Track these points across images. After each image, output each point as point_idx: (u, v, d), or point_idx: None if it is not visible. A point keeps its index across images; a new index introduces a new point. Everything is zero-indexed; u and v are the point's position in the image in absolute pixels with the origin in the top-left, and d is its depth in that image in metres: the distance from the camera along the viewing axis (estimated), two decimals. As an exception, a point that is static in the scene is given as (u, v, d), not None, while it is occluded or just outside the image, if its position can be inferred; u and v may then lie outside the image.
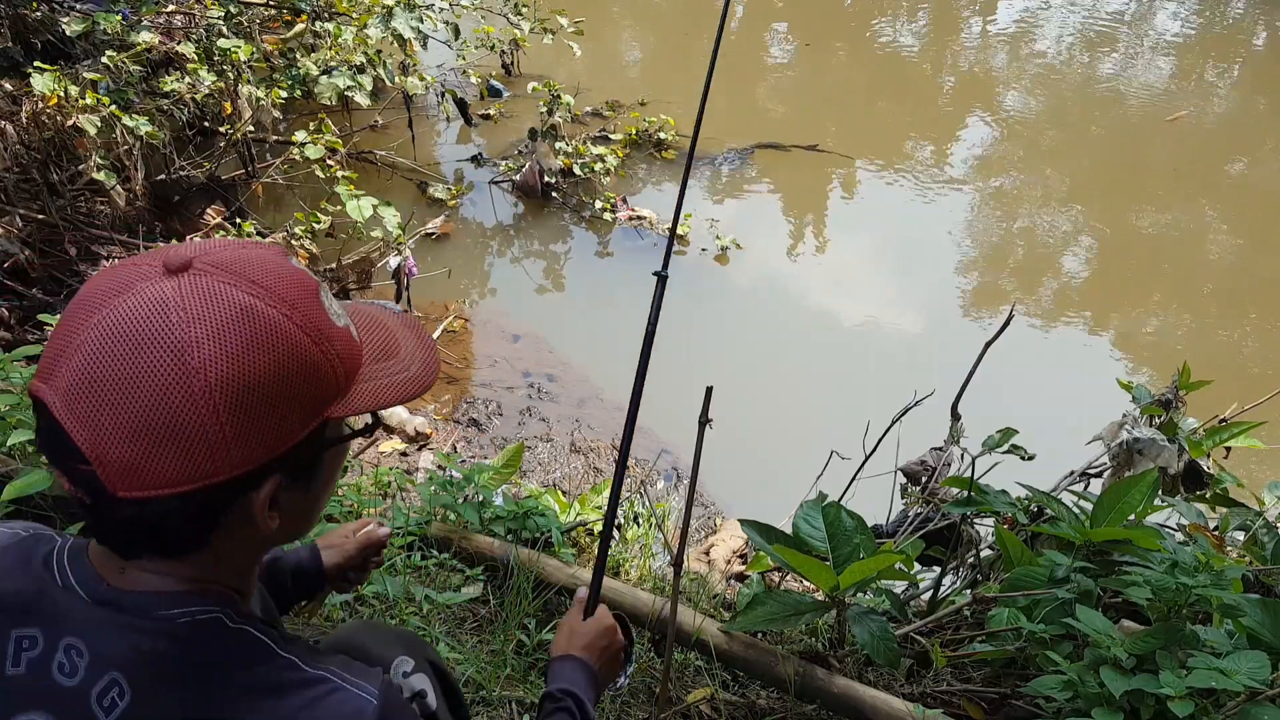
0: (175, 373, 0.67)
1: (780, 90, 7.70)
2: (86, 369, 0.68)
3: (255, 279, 0.73)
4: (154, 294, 0.69)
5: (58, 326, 0.72)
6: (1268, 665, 1.56)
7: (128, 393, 0.67)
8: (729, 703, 2.05)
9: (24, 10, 4.95)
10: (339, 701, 0.74)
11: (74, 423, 0.68)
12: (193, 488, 0.70)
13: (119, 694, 0.72)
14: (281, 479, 0.75)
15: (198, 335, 0.68)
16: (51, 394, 0.69)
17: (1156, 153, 6.95)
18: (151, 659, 0.73)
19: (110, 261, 4.27)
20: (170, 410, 0.67)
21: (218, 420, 0.68)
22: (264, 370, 0.70)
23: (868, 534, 2.02)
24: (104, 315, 0.69)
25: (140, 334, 0.68)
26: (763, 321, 4.90)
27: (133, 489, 0.69)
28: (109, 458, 0.68)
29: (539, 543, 2.40)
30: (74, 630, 0.74)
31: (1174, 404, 2.40)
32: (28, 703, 0.73)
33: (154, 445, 0.68)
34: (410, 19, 4.99)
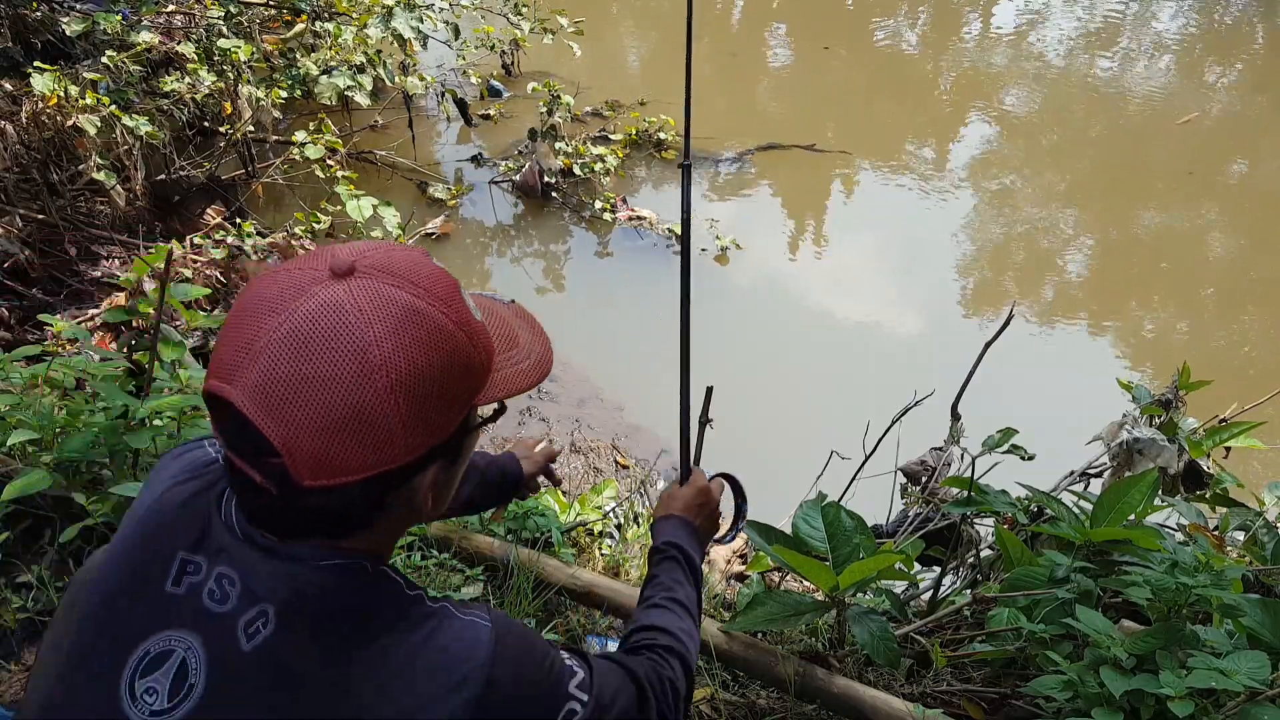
0: (360, 369, 0.74)
1: (780, 90, 7.70)
2: (274, 369, 0.73)
3: (414, 280, 0.79)
4: (328, 297, 0.75)
5: (228, 330, 0.78)
6: (1268, 665, 1.56)
7: (316, 389, 0.73)
8: (729, 703, 2.05)
9: (24, 10, 4.95)
10: (459, 626, 0.83)
11: (266, 419, 0.73)
12: (374, 474, 0.77)
13: (264, 623, 0.79)
14: (442, 462, 0.84)
15: (376, 335, 0.74)
16: (238, 393, 0.74)
17: (1157, 153, 6.95)
18: (299, 595, 0.80)
19: (110, 261, 4.27)
20: (356, 404, 0.74)
21: (398, 411, 0.75)
22: (433, 364, 0.77)
23: (868, 534, 2.02)
24: (283, 319, 0.75)
25: (323, 335, 0.74)
26: (763, 321, 4.90)
27: (320, 477, 0.75)
28: (300, 450, 0.74)
29: (539, 543, 2.40)
30: (229, 563, 0.81)
31: (1174, 404, 2.40)
32: (180, 622, 0.80)
33: (341, 436, 0.74)
34: (410, 19, 5.00)
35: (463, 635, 0.83)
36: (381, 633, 0.80)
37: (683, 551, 1.26)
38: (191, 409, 2.15)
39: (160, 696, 0.78)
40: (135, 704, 0.78)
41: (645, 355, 4.60)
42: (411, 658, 0.80)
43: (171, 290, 2.36)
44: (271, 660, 0.78)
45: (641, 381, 4.39)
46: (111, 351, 2.55)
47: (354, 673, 0.78)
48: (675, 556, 1.24)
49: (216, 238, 4.30)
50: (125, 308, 2.54)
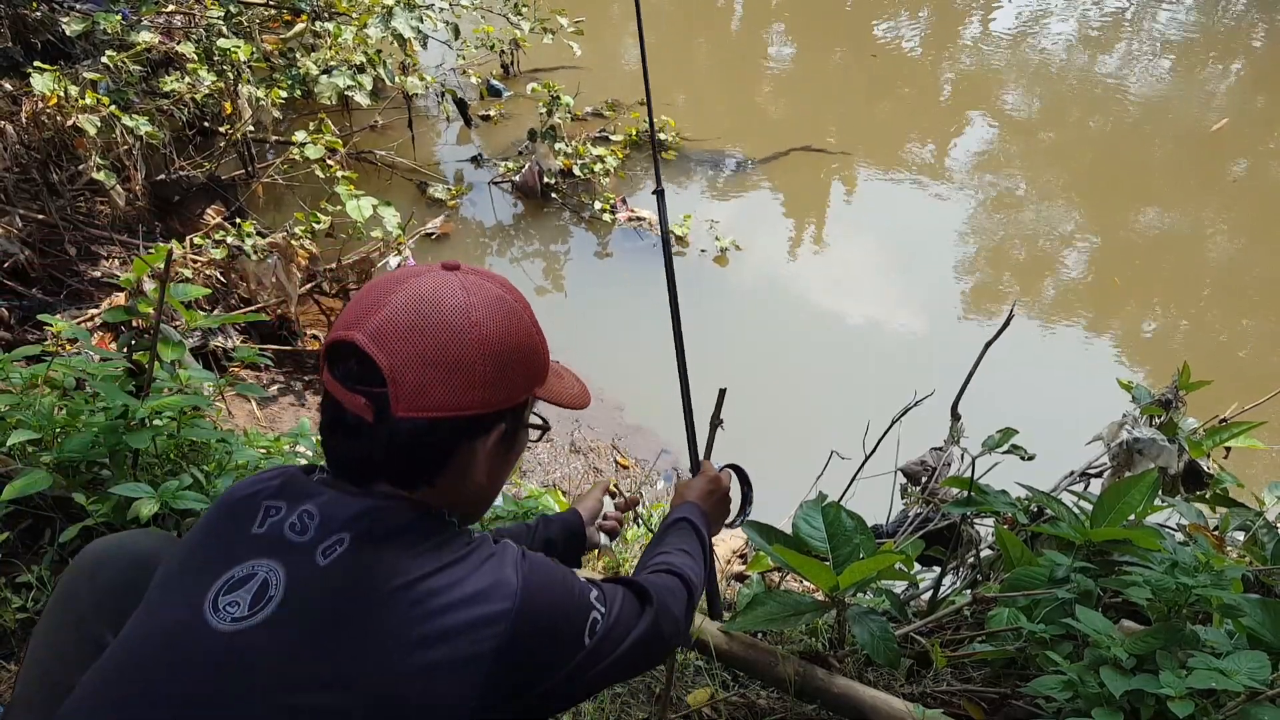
0: (460, 323, 0.93)
1: (780, 90, 7.69)
2: (394, 316, 0.92)
3: (500, 283, 1.01)
4: (440, 278, 0.96)
5: (354, 302, 0.96)
6: (1268, 665, 1.56)
7: (425, 334, 0.91)
8: (729, 703, 2.05)
9: (24, 10, 4.95)
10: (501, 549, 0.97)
11: (380, 352, 0.90)
12: (456, 415, 0.93)
13: (339, 544, 0.91)
14: (504, 428, 0.99)
15: (474, 302, 0.95)
16: (361, 335, 0.91)
17: (1157, 153, 6.95)
18: (377, 525, 0.92)
19: (110, 261, 4.27)
20: (454, 349, 0.92)
21: (484, 363, 0.93)
22: (513, 340, 0.97)
23: (868, 534, 2.02)
24: (404, 288, 0.94)
25: (435, 297, 0.94)
26: (762, 322, 4.90)
27: (412, 409, 0.91)
28: (402, 379, 0.90)
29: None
30: (311, 502, 0.94)
31: (1174, 404, 2.40)
32: (261, 552, 0.92)
33: (438, 373, 0.91)
34: (410, 19, 4.99)
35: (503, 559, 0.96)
36: (442, 569, 0.91)
37: (692, 524, 1.39)
38: (192, 409, 2.15)
39: (241, 607, 0.89)
40: (217, 614, 0.89)
41: (645, 355, 4.59)
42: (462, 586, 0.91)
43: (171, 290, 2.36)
44: (341, 572, 0.89)
45: (641, 381, 4.39)
46: (111, 351, 2.55)
47: (411, 592, 0.89)
48: (686, 526, 1.38)
49: (216, 238, 4.30)
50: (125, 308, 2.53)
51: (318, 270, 4.40)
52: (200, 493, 1.97)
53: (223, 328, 3.95)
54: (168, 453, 2.20)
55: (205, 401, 2.15)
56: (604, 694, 2.07)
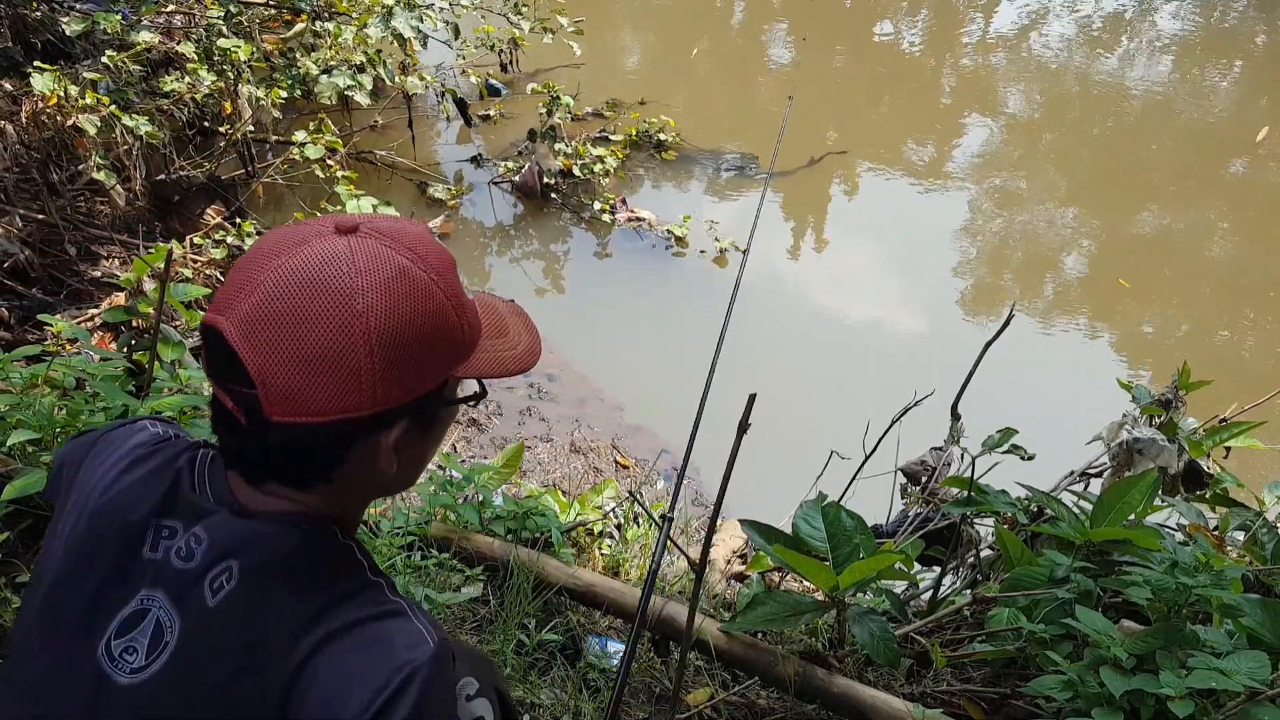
0: (342, 313, 0.77)
1: (780, 89, 7.69)
2: (264, 304, 0.77)
3: (411, 246, 0.83)
4: (328, 247, 0.80)
5: (234, 272, 0.82)
6: (1268, 665, 1.56)
7: (299, 326, 0.76)
8: (729, 703, 2.05)
9: (24, 10, 4.95)
10: (403, 626, 0.82)
11: (247, 349, 0.77)
12: (339, 418, 0.79)
13: (228, 578, 0.81)
14: (409, 425, 0.84)
15: (363, 285, 0.78)
16: (228, 324, 0.78)
17: (1158, 152, 6.95)
18: (264, 554, 0.82)
19: (110, 261, 4.27)
20: (332, 345, 0.77)
21: (371, 359, 0.78)
22: (414, 322, 0.80)
23: (868, 534, 2.02)
24: (282, 261, 0.79)
25: (315, 278, 0.78)
26: (762, 322, 4.89)
27: (287, 414, 0.78)
28: (273, 383, 0.76)
29: (539, 543, 2.40)
30: (201, 524, 0.84)
31: (1174, 404, 2.40)
32: (153, 582, 0.83)
33: (314, 374, 0.77)
34: (410, 18, 4.99)
35: (407, 637, 0.81)
36: (335, 604, 0.81)
37: None
38: (192, 409, 2.15)
39: (139, 655, 0.81)
40: (115, 664, 0.81)
41: (645, 355, 4.60)
42: (353, 638, 0.80)
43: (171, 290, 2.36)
44: (233, 615, 0.80)
45: (641, 381, 4.39)
46: (111, 351, 2.55)
47: (303, 637, 0.79)
48: None
49: (216, 238, 4.30)
50: (125, 307, 2.54)
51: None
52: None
53: (223, 328, 3.94)
54: (168, 453, 2.19)
55: (205, 401, 2.15)
56: (604, 693, 2.07)
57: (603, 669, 2.14)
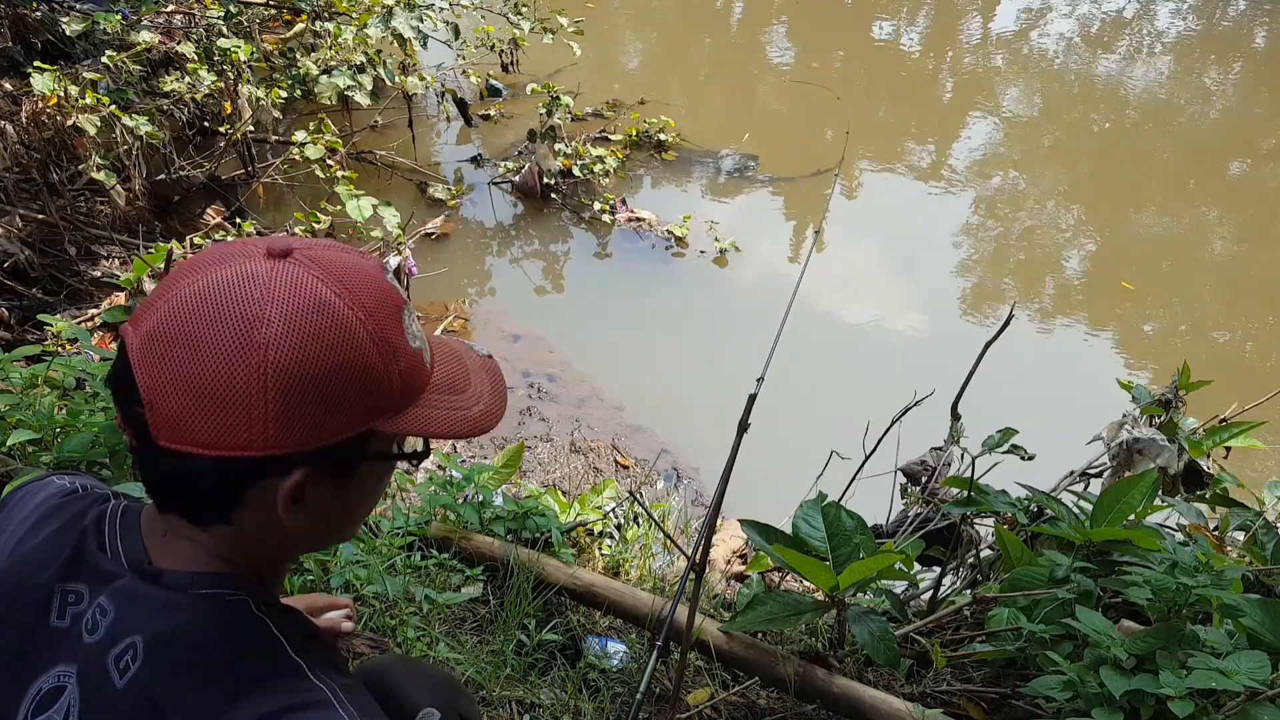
0: (240, 342, 0.71)
1: (780, 89, 7.69)
2: (165, 321, 0.73)
3: (344, 280, 0.76)
4: (247, 269, 0.74)
5: (164, 280, 0.77)
6: (1268, 665, 1.56)
7: (193, 349, 0.71)
8: (729, 703, 2.05)
9: (24, 10, 4.95)
10: (323, 717, 0.73)
11: (141, 367, 0.72)
12: (225, 454, 0.72)
13: (132, 657, 0.74)
14: (312, 473, 0.76)
15: (270, 314, 0.72)
16: (133, 337, 0.74)
17: (1158, 152, 6.95)
18: (169, 630, 0.75)
19: (110, 261, 4.27)
20: (224, 376, 0.71)
21: (264, 397, 0.71)
22: (322, 363, 0.73)
23: (868, 534, 2.02)
24: (197, 278, 0.74)
25: (220, 301, 0.72)
26: (762, 322, 4.89)
27: (173, 440, 0.72)
28: (160, 405, 0.72)
29: (539, 543, 2.40)
30: (107, 592, 0.77)
31: (1174, 404, 2.40)
32: (64, 655, 0.77)
33: (201, 404, 0.71)
34: (410, 18, 4.99)
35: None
36: (245, 693, 0.73)
37: None
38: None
39: None
40: None
41: (645, 355, 4.60)
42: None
43: (171, 290, 2.36)
44: (138, 702, 0.73)
45: (641, 381, 4.39)
46: (111, 351, 2.55)
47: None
48: None
49: (216, 238, 4.30)
50: (125, 307, 2.54)
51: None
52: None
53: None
54: (168, 453, 2.19)
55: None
56: (604, 694, 2.07)
57: (603, 669, 2.14)
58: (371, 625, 2.08)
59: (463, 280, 5.09)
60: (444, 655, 2.05)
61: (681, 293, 5.01)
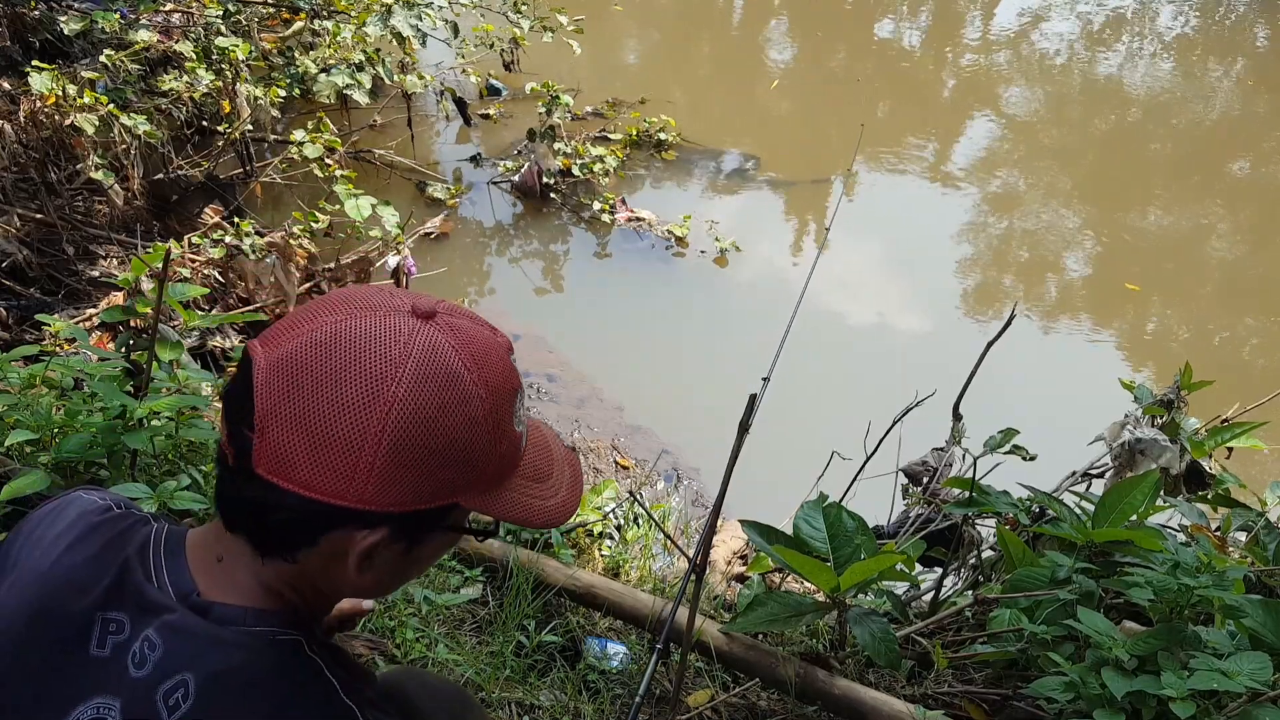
0: (368, 395, 0.72)
1: (781, 90, 7.69)
2: (300, 353, 0.73)
3: (477, 355, 0.77)
4: (392, 323, 0.75)
5: (301, 309, 0.78)
6: (1270, 666, 1.56)
7: (319, 390, 0.72)
8: (730, 704, 2.04)
9: (22, 9, 4.94)
10: None
11: (263, 392, 0.72)
12: (317, 498, 0.72)
13: (184, 695, 0.74)
14: (390, 534, 0.77)
15: (404, 374, 0.73)
16: (263, 358, 0.74)
17: (1159, 152, 6.95)
18: (222, 668, 0.75)
19: (108, 261, 4.26)
20: (341, 423, 0.71)
21: (376, 453, 0.72)
22: (437, 433, 0.74)
23: (869, 535, 2.01)
24: (344, 319, 0.74)
25: (361, 348, 0.73)
26: (762, 322, 4.89)
27: (272, 473, 0.72)
28: (271, 436, 0.72)
29: (538, 543, 2.39)
30: (155, 625, 0.76)
31: (1176, 404, 2.39)
32: (104, 686, 0.76)
33: (312, 445, 0.71)
34: (409, 17, 4.98)
35: None
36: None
37: None
38: (190, 409, 2.14)
39: None
40: None
41: (645, 355, 4.60)
42: None
43: (169, 290, 2.35)
44: None
45: (641, 381, 4.39)
46: (109, 351, 2.54)
47: None
48: None
49: (214, 237, 4.29)
50: (123, 307, 2.53)
51: (316, 270, 4.39)
52: (199, 493, 1.96)
53: (221, 327, 3.94)
54: (166, 453, 2.19)
55: (203, 401, 2.14)
56: (604, 696, 2.07)
57: (603, 670, 2.13)
58: (370, 626, 2.07)
59: (462, 280, 5.08)
60: (443, 657, 2.04)
61: (682, 293, 5.00)
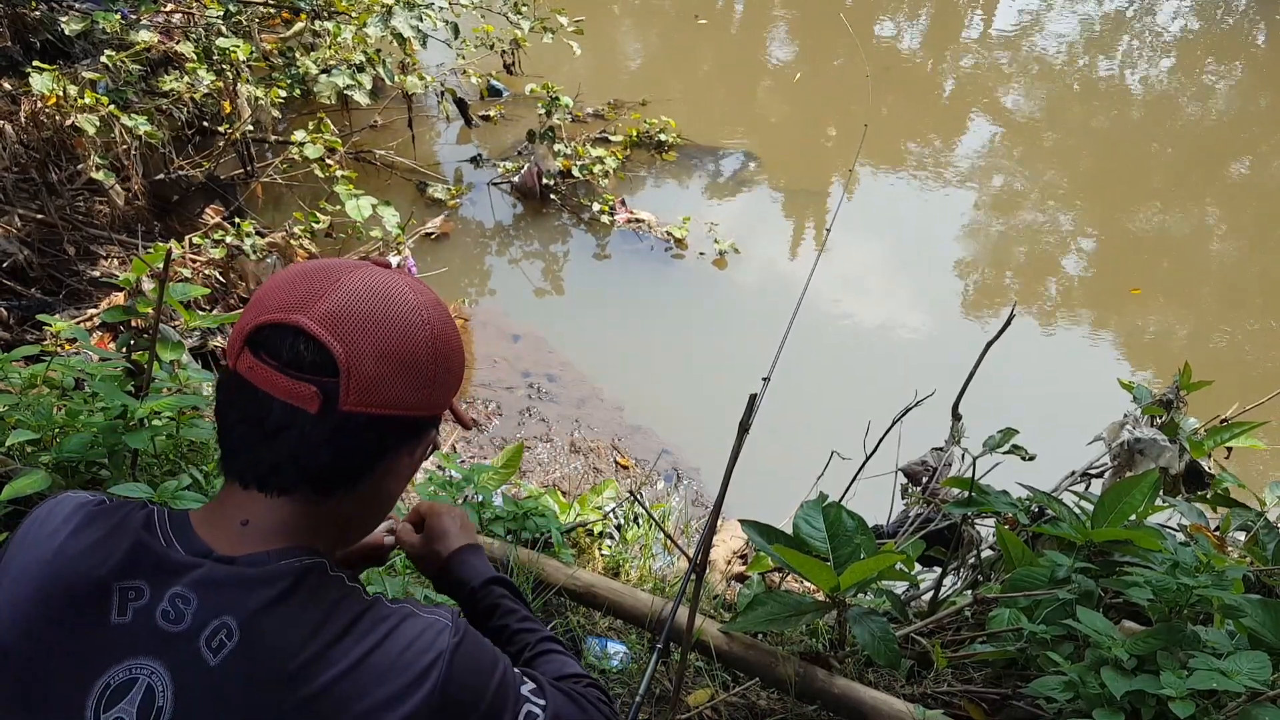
0: (412, 319, 0.87)
1: (780, 89, 7.69)
2: (347, 304, 0.84)
3: (429, 290, 0.94)
4: (387, 274, 0.90)
5: (287, 284, 0.86)
6: (1269, 666, 1.56)
7: (380, 325, 0.85)
8: (729, 704, 2.04)
9: (23, 9, 4.95)
10: (418, 624, 0.86)
11: (334, 339, 0.82)
12: (404, 414, 0.87)
13: (227, 635, 0.79)
14: (428, 440, 0.94)
15: (422, 301, 0.89)
16: (309, 320, 0.83)
17: (1158, 152, 6.95)
18: (261, 601, 0.81)
19: (109, 261, 4.26)
20: (407, 345, 0.86)
21: (433, 364, 0.88)
22: (453, 339, 0.92)
23: (868, 534, 2.01)
24: (352, 275, 0.87)
25: (387, 289, 0.87)
26: (761, 322, 4.89)
27: (362, 404, 0.83)
28: (357, 370, 0.83)
29: (538, 543, 2.39)
30: (182, 582, 0.81)
31: (1175, 404, 2.40)
32: (135, 650, 0.79)
33: (394, 368, 0.85)
34: (410, 17, 4.99)
35: (424, 631, 0.85)
36: (345, 633, 0.82)
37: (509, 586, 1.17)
38: (191, 409, 2.14)
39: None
40: None
41: (645, 356, 4.60)
42: (376, 655, 0.82)
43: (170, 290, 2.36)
44: (241, 672, 0.78)
45: (641, 382, 4.39)
46: (110, 351, 2.54)
47: (322, 674, 0.79)
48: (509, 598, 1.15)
49: (215, 237, 4.29)
50: (124, 307, 2.53)
51: (317, 270, 4.39)
52: (200, 493, 1.96)
53: (222, 327, 3.94)
54: (167, 453, 2.19)
55: (204, 401, 2.14)
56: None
57: (603, 670, 2.13)
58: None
59: (462, 280, 5.08)
60: (444, 656, 2.04)
61: (681, 293, 5.00)
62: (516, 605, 1.13)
